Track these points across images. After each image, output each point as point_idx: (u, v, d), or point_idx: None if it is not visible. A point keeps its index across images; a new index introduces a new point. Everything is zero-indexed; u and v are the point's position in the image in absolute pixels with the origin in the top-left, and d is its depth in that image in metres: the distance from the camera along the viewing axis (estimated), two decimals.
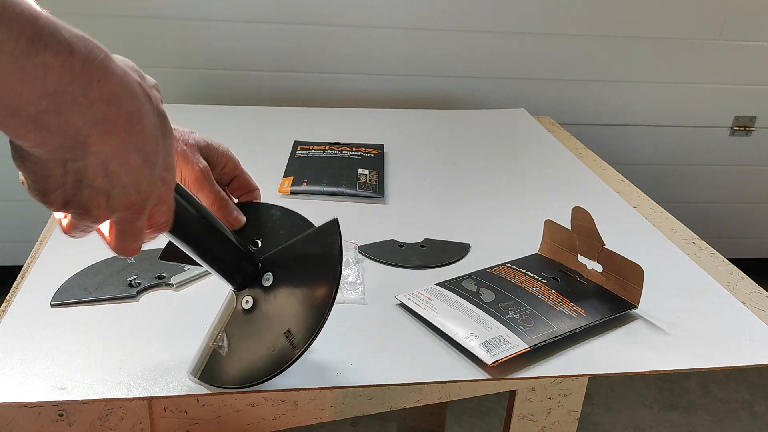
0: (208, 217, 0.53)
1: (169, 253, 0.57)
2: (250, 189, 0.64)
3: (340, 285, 0.70)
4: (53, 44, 0.33)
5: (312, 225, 0.59)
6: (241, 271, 0.56)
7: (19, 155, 0.37)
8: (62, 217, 0.43)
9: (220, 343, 0.56)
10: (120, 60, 0.39)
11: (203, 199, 0.59)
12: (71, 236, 0.44)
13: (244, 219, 0.61)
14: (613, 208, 0.95)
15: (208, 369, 0.55)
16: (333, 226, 0.56)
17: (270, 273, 0.56)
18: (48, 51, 0.33)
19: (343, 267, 0.55)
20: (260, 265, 0.57)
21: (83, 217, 0.41)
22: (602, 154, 1.27)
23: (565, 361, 0.61)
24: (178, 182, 0.52)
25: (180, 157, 0.58)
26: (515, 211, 0.93)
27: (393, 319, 0.66)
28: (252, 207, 0.63)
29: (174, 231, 0.49)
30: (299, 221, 0.61)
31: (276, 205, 0.63)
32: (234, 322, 0.56)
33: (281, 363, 0.53)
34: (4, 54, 0.31)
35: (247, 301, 0.56)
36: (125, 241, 0.44)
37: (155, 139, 0.41)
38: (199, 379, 0.55)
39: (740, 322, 0.69)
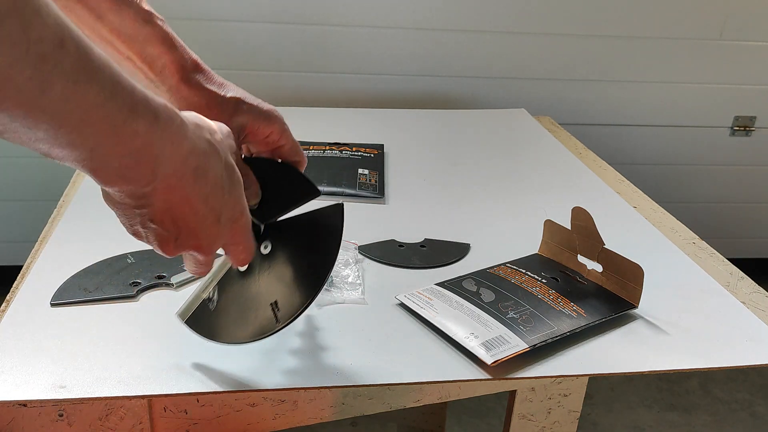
0: None
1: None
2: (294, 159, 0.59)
3: (341, 285, 0.70)
4: (144, 114, 0.38)
5: (316, 190, 0.56)
6: None
7: (105, 195, 0.43)
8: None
9: (210, 296, 0.57)
10: (192, 117, 0.44)
11: None
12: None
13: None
14: (613, 208, 0.95)
15: (196, 317, 0.57)
16: (338, 211, 0.56)
17: (269, 242, 0.56)
18: (140, 120, 0.37)
19: (340, 250, 0.56)
20: (262, 230, 0.57)
21: (158, 247, 0.46)
22: (602, 154, 1.27)
23: (565, 361, 0.61)
24: None
25: None
26: (515, 211, 0.93)
27: (393, 319, 0.66)
28: (254, 162, 0.57)
29: None
30: (304, 185, 0.57)
31: (282, 163, 0.58)
32: (227, 280, 0.57)
33: (260, 333, 0.55)
34: (108, 125, 0.36)
35: None
36: (195, 267, 0.50)
37: (221, 190, 0.45)
38: (186, 323, 0.58)
39: (740, 322, 0.69)
